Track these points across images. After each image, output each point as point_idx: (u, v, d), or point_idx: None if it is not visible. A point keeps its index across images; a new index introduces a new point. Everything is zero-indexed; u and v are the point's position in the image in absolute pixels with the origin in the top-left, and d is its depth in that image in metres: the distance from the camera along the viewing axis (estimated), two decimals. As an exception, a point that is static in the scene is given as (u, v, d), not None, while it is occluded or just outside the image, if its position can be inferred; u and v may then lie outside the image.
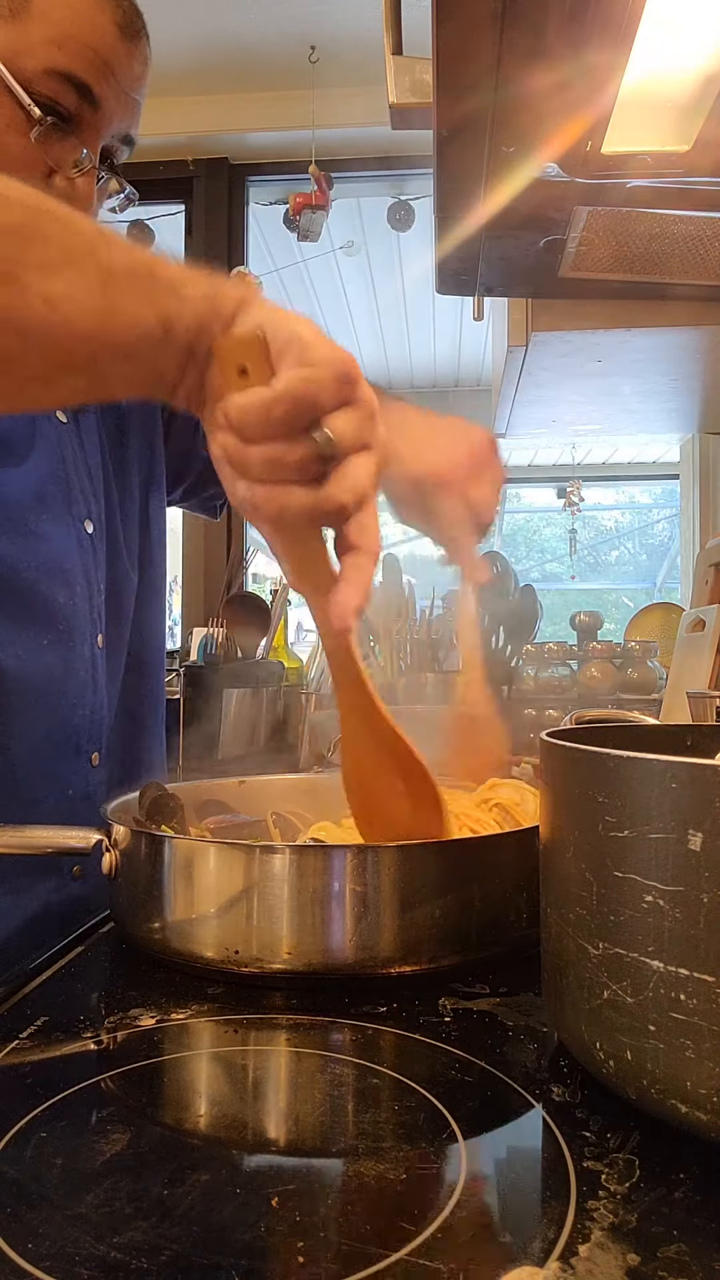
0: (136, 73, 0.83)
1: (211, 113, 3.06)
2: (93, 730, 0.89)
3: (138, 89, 0.84)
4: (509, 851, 0.64)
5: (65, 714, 0.86)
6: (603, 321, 1.32)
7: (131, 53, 0.81)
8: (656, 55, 0.67)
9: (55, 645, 0.85)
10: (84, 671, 0.88)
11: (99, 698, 0.90)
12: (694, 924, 0.38)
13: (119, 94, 0.81)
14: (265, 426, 0.50)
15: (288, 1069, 0.50)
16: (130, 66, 0.82)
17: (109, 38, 0.79)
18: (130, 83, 0.82)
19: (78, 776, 0.88)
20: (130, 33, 0.81)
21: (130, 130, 0.86)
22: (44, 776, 0.85)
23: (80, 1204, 0.36)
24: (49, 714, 0.85)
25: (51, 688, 0.85)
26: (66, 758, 0.87)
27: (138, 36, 0.82)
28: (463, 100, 0.71)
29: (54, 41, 0.77)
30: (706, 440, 3.25)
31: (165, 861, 0.63)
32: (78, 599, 0.88)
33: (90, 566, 0.89)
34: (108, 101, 0.80)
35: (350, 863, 0.59)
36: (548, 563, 8.34)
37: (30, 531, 0.84)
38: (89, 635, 0.89)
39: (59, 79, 0.77)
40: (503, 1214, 0.36)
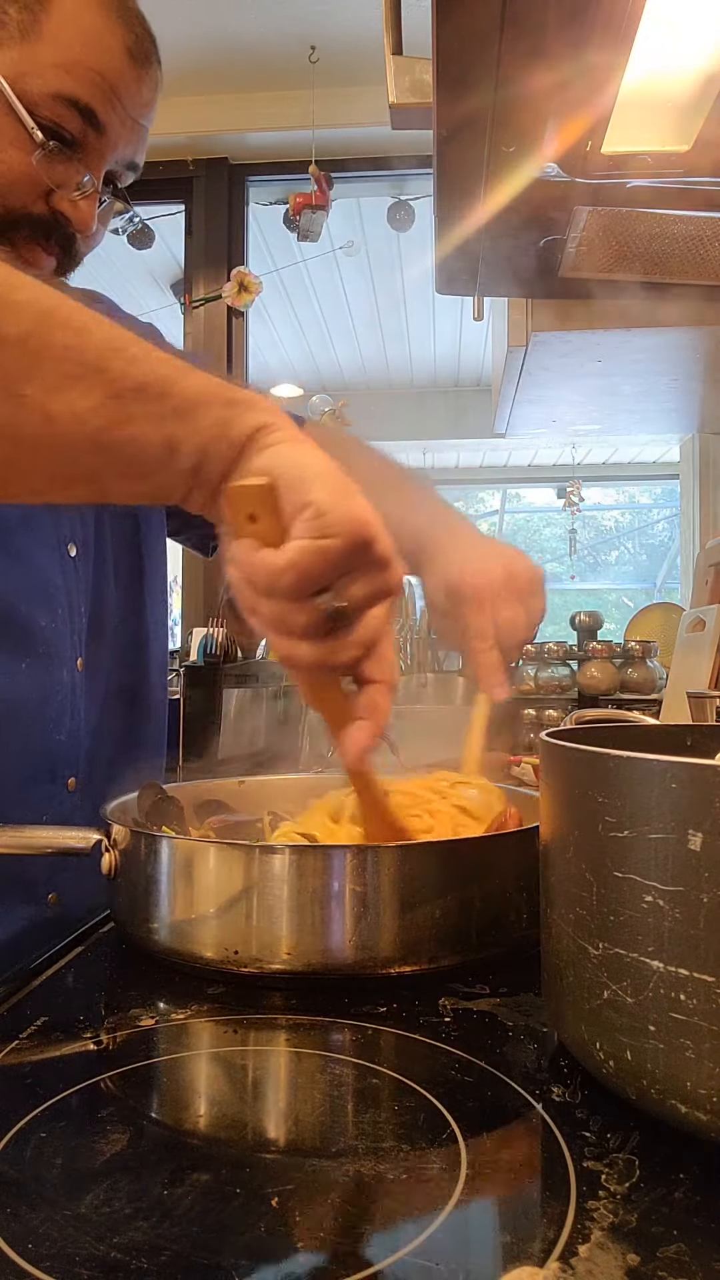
0: (145, 98, 0.82)
1: (211, 113, 3.06)
2: (69, 755, 0.88)
3: (145, 114, 0.83)
4: (509, 851, 0.64)
5: (41, 738, 0.85)
6: (603, 321, 1.33)
7: (141, 78, 0.81)
8: (656, 55, 0.67)
9: (34, 668, 0.84)
10: (62, 695, 0.87)
11: (77, 722, 0.88)
12: (694, 924, 0.38)
13: (125, 120, 0.81)
14: (272, 590, 0.49)
15: (288, 1069, 0.50)
16: (139, 92, 0.81)
17: (118, 63, 0.78)
18: (138, 109, 0.82)
19: (52, 802, 0.86)
20: (141, 58, 0.80)
21: (135, 156, 0.85)
22: (15, 801, 0.84)
23: (80, 1204, 0.36)
24: (24, 737, 0.84)
25: (28, 711, 0.84)
26: (40, 783, 0.86)
27: (148, 61, 0.81)
28: (463, 100, 0.71)
29: (62, 66, 0.76)
30: (706, 440, 3.25)
31: (165, 862, 0.63)
32: (59, 622, 0.86)
33: (73, 590, 0.88)
34: (113, 127, 0.80)
35: (350, 863, 0.59)
36: (548, 563, 8.33)
37: (12, 553, 0.83)
38: (69, 659, 0.87)
39: (64, 104, 0.76)
40: (503, 1214, 0.36)
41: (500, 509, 8.33)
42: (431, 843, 0.64)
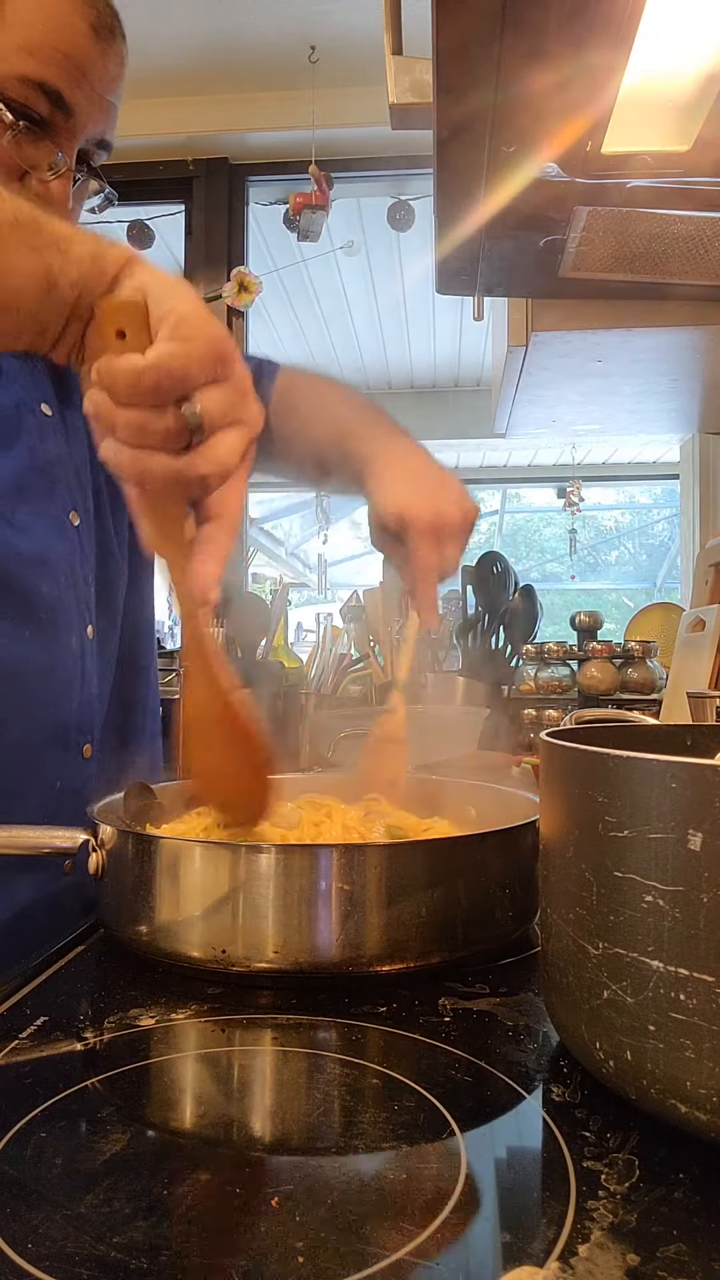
0: (111, 74, 0.82)
1: (211, 113, 3.06)
2: (83, 722, 0.89)
3: (113, 91, 0.83)
4: (493, 850, 0.65)
5: (51, 706, 0.86)
6: (603, 321, 1.33)
7: (106, 54, 0.81)
8: (656, 55, 0.67)
9: (38, 636, 0.85)
10: (72, 663, 0.88)
11: (89, 690, 0.90)
12: (694, 924, 0.38)
13: (93, 98, 0.81)
14: (134, 393, 0.50)
15: (287, 1069, 0.50)
16: (105, 69, 0.81)
17: (82, 40, 0.78)
18: (105, 85, 0.82)
19: (68, 769, 0.87)
20: (105, 33, 0.80)
21: (106, 134, 0.85)
22: (29, 769, 0.85)
23: (80, 1204, 0.36)
24: (32, 706, 0.85)
25: (35, 679, 0.85)
26: (54, 750, 0.87)
27: (113, 37, 0.81)
28: (463, 100, 0.71)
29: (25, 48, 0.76)
30: (706, 440, 3.25)
31: (152, 861, 0.63)
32: (63, 590, 0.87)
33: (76, 559, 0.89)
34: (81, 107, 0.80)
35: (335, 861, 0.59)
36: (548, 563, 8.34)
37: (9, 522, 0.84)
38: (77, 627, 0.88)
39: (30, 86, 0.77)
40: (503, 1214, 0.36)
41: (500, 509, 8.32)
42: (418, 841, 0.64)
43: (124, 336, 0.51)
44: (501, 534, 8.35)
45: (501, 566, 2.10)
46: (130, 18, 0.83)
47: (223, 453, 0.53)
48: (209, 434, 0.52)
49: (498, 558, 2.12)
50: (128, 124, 0.87)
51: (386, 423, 0.98)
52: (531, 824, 0.64)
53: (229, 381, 0.53)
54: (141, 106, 2.94)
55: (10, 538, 0.84)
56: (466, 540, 0.88)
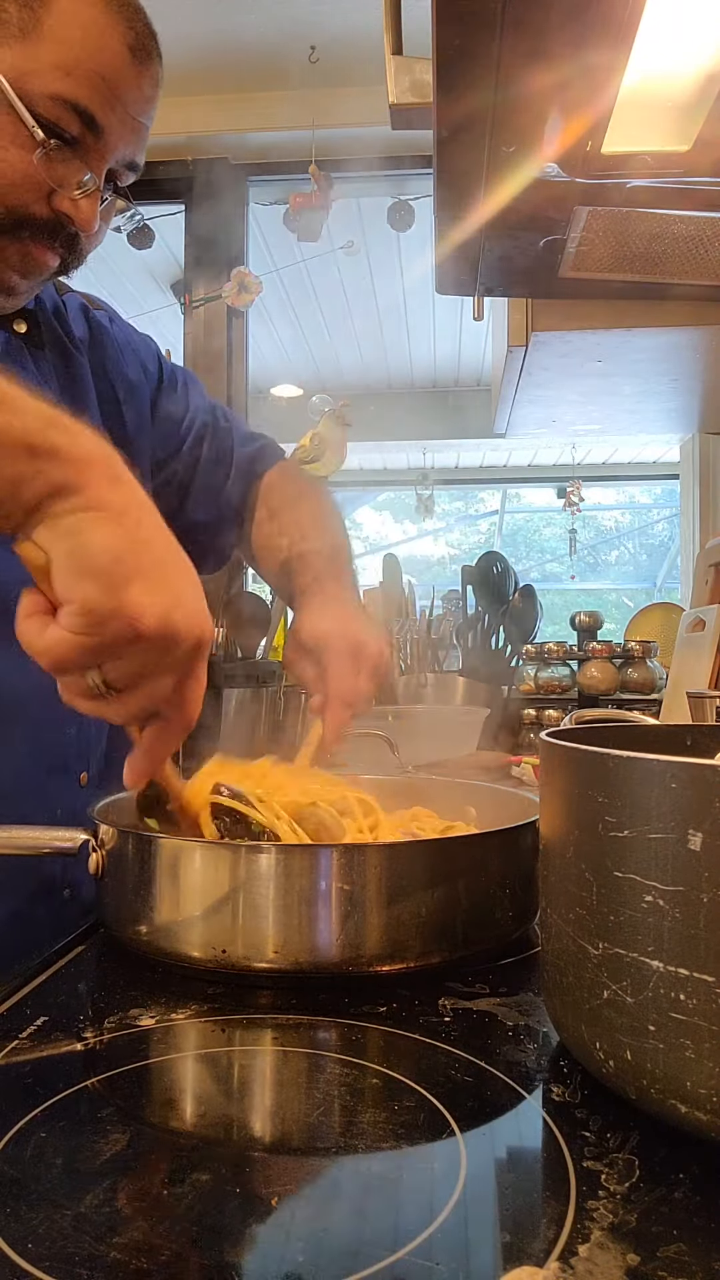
0: (146, 96, 0.82)
1: (211, 113, 3.06)
2: (81, 749, 0.88)
3: (146, 113, 0.83)
4: (493, 850, 0.65)
5: (51, 734, 0.86)
6: (603, 321, 1.33)
7: (141, 76, 0.80)
8: (656, 55, 0.67)
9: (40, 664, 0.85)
10: None
11: (88, 717, 0.89)
12: (694, 924, 0.38)
13: (125, 120, 0.80)
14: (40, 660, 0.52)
15: (287, 1069, 0.50)
16: (139, 90, 0.80)
17: (120, 61, 0.78)
18: (138, 107, 0.81)
19: (67, 795, 0.87)
20: (142, 55, 0.80)
21: (135, 156, 0.85)
22: (31, 795, 0.84)
23: (80, 1204, 0.36)
24: (34, 732, 0.84)
25: (36, 707, 0.83)
26: (54, 776, 0.86)
27: (149, 59, 0.81)
28: (463, 100, 0.71)
29: (62, 67, 0.75)
30: (706, 440, 3.25)
31: (152, 861, 0.63)
32: None
33: None
34: (112, 128, 0.80)
35: (335, 861, 0.59)
36: (548, 563, 8.33)
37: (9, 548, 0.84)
38: None
39: (64, 106, 0.76)
40: (503, 1214, 0.36)
41: (500, 509, 8.32)
42: (418, 841, 0.64)
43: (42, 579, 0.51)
44: (501, 534, 8.35)
45: (501, 566, 2.10)
46: (130, 17, 0.83)
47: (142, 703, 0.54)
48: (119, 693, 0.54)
49: (498, 558, 2.12)
50: (128, 124, 0.87)
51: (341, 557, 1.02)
52: (531, 824, 0.64)
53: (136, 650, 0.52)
54: (141, 106, 2.94)
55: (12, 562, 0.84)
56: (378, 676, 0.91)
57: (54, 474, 0.50)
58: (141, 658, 0.52)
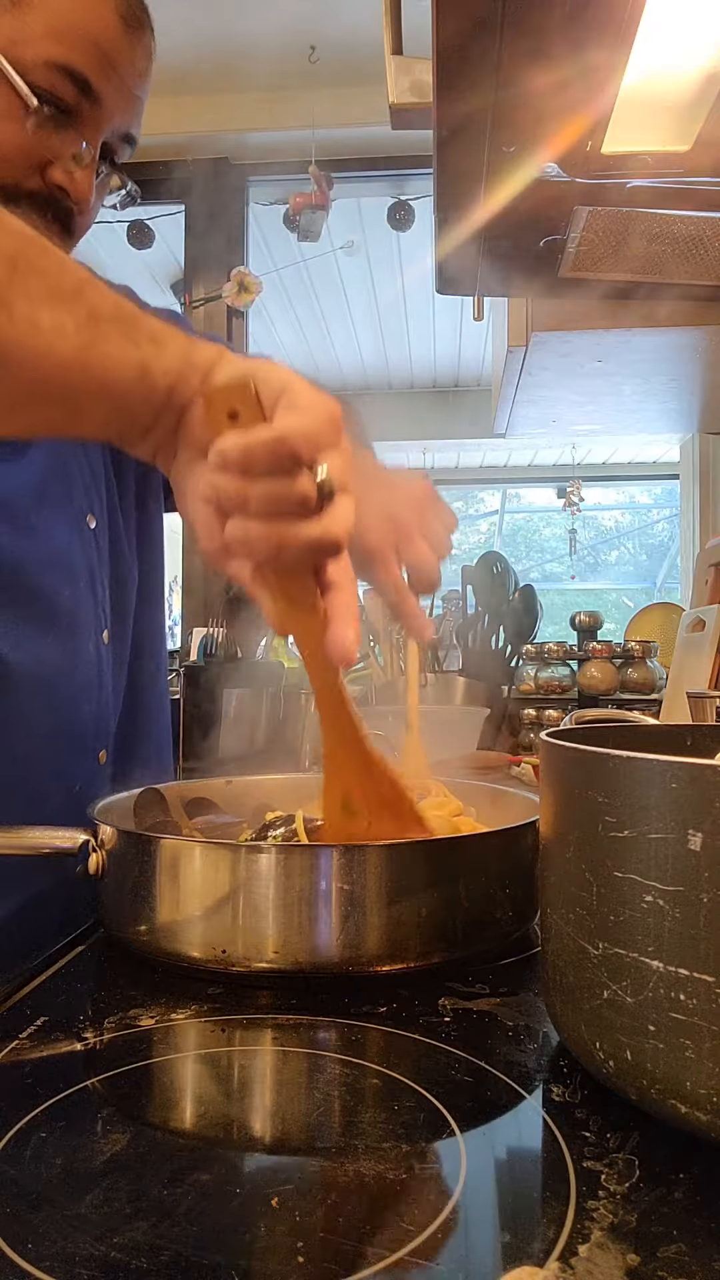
0: (139, 67, 0.81)
1: (211, 113, 3.06)
2: (99, 727, 0.89)
3: (140, 84, 0.82)
4: (493, 850, 0.65)
5: (71, 710, 0.86)
6: (603, 321, 1.33)
7: (134, 45, 0.79)
8: (656, 55, 0.67)
9: (60, 641, 0.85)
10: (89, 667, 0.88)
11: (104, 694, 0.90)
12: (694, 924, 0.38)
13: (120, 88, 0.80)
14: (270, 462, 0.51)
15: (287, 1069, 0.50)
16: (133, 60, 0.80)
17: (111, 29, 0.77)
18: (133, 77, 0.80)
19: (85, 773, 0.87)
20: (133, 23, 0.79)
21: (131, 129, 0.84)
22: (51, 773, 0.85)
23: (80, 1204, 0.36)
24: (54, 710, 0.85)
25: (57, 684, 0.85)
26: (74, 754, 0.87)
27: (141, 28, 0.80)
28: (463, 100, 0.71)
29: (54, 33, 0.75)
30: (706, 440, 3.25)
31: (152, 861, 0.63)
32: (81, 594, 0.87)
33: (94, 562, 0.89)
34: (108, 96, 0.79)
35: (335, 861, 0.59)
36: (548, 563, 8.34)
37: (31, 526, 0.84)
38: (94, 631, 0.88)
39: (58, 71, 0.75)
40: (503, 1214, 0.36)
41: (500, 509, 8.32)
42: (417, 841, 0.64)
43: (236, 418, 0.52)
44: (501, 534, 8.35)
45: (501, 566, 2.10)
46: (130, 17, 0.83)
47: (347, 516, 0.54)
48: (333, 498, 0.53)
49: (498, 558, 2.12)
50: (127, 123, 0.87)
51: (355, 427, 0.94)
52: (531, 824, 0.64)
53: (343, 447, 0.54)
54: (141, 106, 2.94)
55: (33, 542, 0.84)
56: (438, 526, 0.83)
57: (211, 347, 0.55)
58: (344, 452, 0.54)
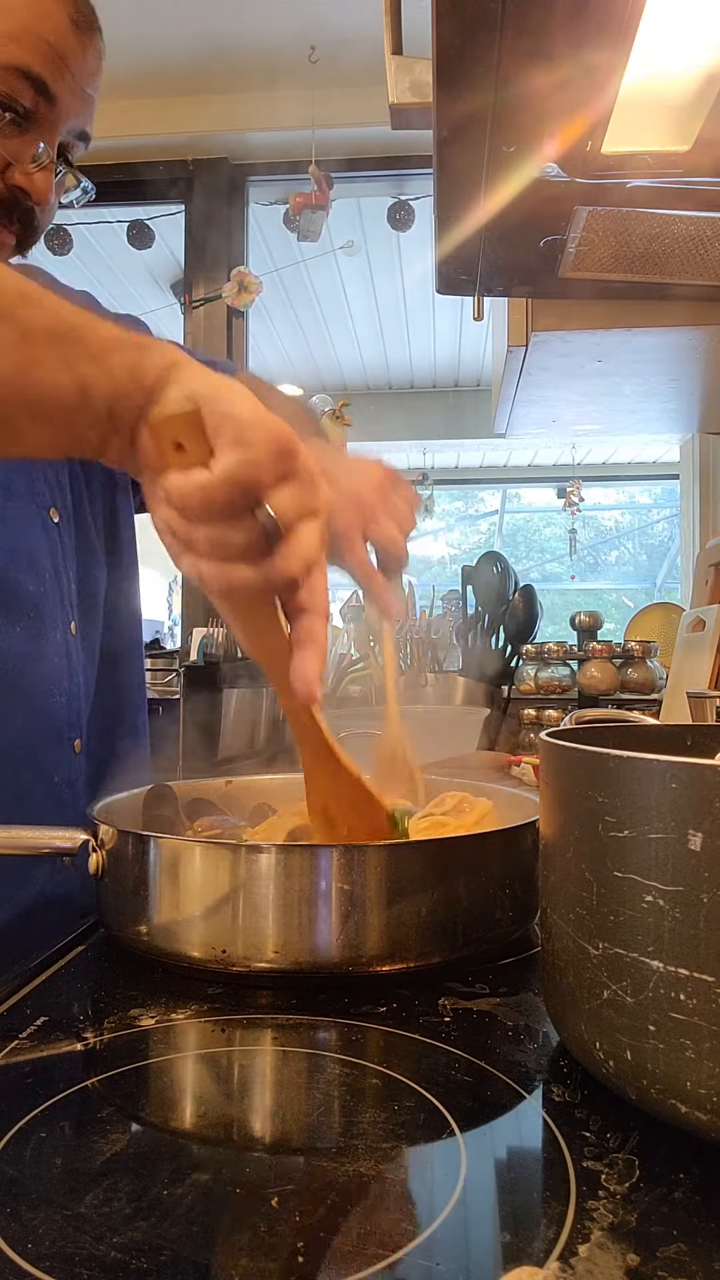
0: (91, 67, 0.83)
1: (211, 113, 3.06)
2: (71, 718, 0.90)
3: (92, 84, 0.84)
4: (493, 850, 0.65)
5: (43, 702, 0.87)
6: (603, 321, 1.32)
7: (86, 47, 0.82)
8: (656, 55, 0.67)
9: (27, 632, 0.86)
10: (58, 659, 0.89)
11: (75, 685, 0.91)
12: (694, 924, 0.38)
13: (74, 89, 0.82)
14: (207, 509, 0.50)
15: (287, 1069, 0.50)
16: (85, 61, 0.82)
17: (64, 31, 0.79)
18: (85, 78, 0.83)
19: (62, 764, 0.89)
20: (84, 26, 0.81)
21: (85, 127, 0.86)
22: (30, 765, 0.86)
23: (80, 1204, 0.36)
24: (26, 702, 0.86)
25: (27, 674, 0.86)
26: (50, 745, 0.88)
27: (91, 31, 0.83)
28: (463, 100, 0.71)
29: (10, 36, 0.77)
30: (706, 440, 3.25)
31: (152, 861, 0.63)
32: (47, 586, 0.88)
33: (58, 555, 0.90)
34: (64, 97, 0.81)
35: (335, 861, 0.59)
36: (548, 563, 8.33)
37: None
38: (61, 623, 0.89)
39: (16, 74, 0.77)
40: (503, 1214, 0.36)
41: (500, 509, 8.32)
42: (417, 841, 0.65)
43: (182, 449, 0.50)
44: (501, 534, 8.35)
45: (501, 566, 2.10)
46: (130, 17, 0.84)
47: (303, 548, 0.52)
48: (287, 533, 0.52)
49: (498, 558, 2.13)
50: (128, 124, 0.87)
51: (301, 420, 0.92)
52: (531, 824, 0.64)
53: (297, 475, 0.52)
54: (141, 106, 2.94)
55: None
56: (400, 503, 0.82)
57: (163, 356, 0.53)
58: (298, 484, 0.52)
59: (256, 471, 0.50)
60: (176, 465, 0.50)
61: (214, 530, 0.51)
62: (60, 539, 0.91)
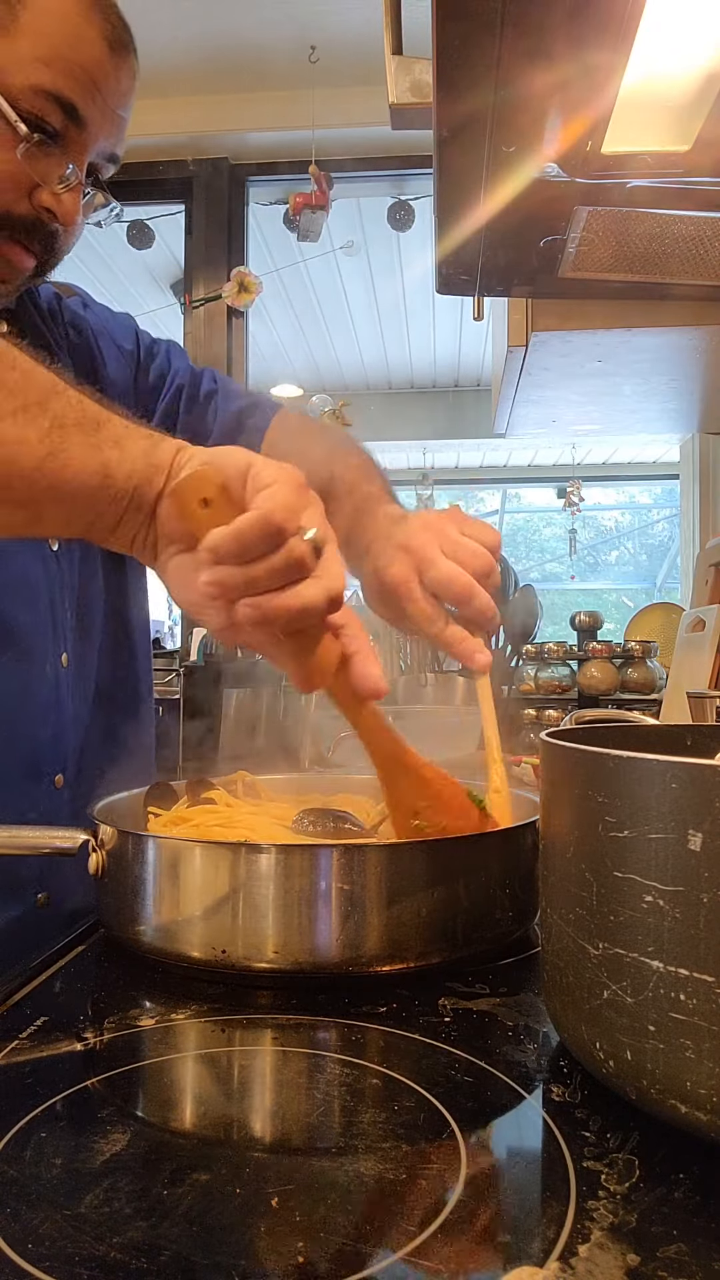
0: (124, 89, 0.82)
1: (211, 113, 3.06)
2: (54, 753, 0.88)
3: (124, 105, 0.83)
4: (493, 850, 0.65)
5: (25, 735, 0.85)
6: (603, 321, 1.32)
7: (119, 68, 0.81)
8: (656, 55, 0.67)
9: (14, 664, 0.84)
10: (46, 692, 0.87)
11: (63, 719, 0.89)
12: (694, 924, 0.38)
13: (105, 112, 0.81)
14: (263, 541, 0.53)
15: (287, 1069, 0.50)
16: (118, 83, 0.81)
17: (98, 54, 0.78)
18: (117, 100, 0.82)
19: (38, 800, 0.86)
20: (119, 48, 0.80)
21: (115, 149, 0.85)
22: (6, 798, 0.84)
23: (80, 1204, 0.36)
24: (9, 735, 0.84)
25: (8, 707, 0.84)
26: (26, 780, 0.86)
27: (126, 51, 0.81)
28: (463, 100, 0.71)
29: (42, 59, 0.76)
30: (706, 440, 3.25)
31: (152, 861, 0.63)
32: (40, 617, 0.87)
33: (55, 585, 0.89)
34: (93, 120, 0.80)
35: (335, 861, 0.59)
36: (548, 563, 8.34)
37: None
38: (52, 654, 0.88)
39: (46, 98, 0.76)
40: (503, 1214, 0.36)
41: (500, 509, 8.33)
42: (417, 842, 0.65)
43: (208, 504, 0.54)
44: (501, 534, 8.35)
45: (501, 566, 2.10)
46: (131, 17, 0.83)
47: (338, 563, 0.57)
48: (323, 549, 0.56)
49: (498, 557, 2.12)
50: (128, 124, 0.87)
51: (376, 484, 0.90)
52: (531, 824, 0.64)
53: (314, 503, 0.57)
54: (141, 106, 2.93)
55: None
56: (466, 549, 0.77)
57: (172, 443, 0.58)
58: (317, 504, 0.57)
59: (292, 499, 0.54)
60: (205, 522, 0.54)
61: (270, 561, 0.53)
62: (59, 567, 0.89)
